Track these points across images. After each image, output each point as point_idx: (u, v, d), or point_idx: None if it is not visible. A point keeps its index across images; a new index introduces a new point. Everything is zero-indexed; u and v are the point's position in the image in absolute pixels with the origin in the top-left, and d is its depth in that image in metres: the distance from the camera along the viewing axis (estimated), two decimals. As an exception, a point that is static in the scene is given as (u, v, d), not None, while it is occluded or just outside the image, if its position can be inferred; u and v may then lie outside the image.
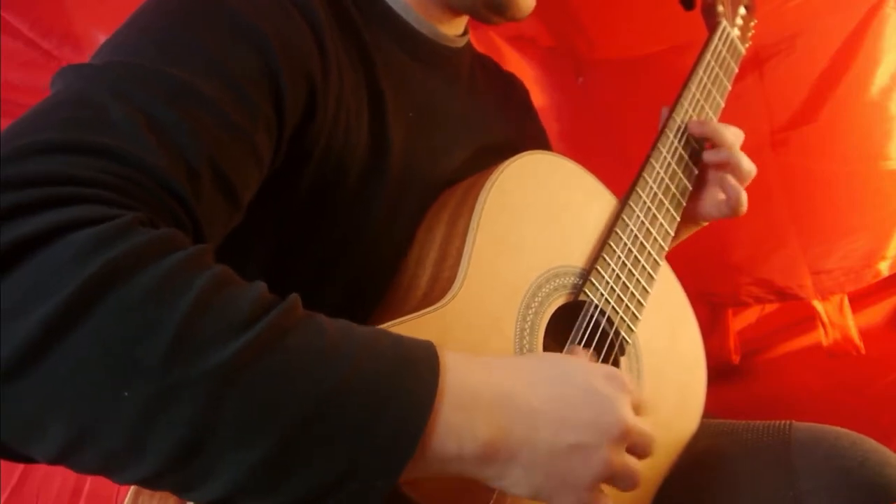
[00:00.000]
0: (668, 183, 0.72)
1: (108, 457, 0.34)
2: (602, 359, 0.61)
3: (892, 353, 1.13)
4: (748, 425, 0.68)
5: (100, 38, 0.98)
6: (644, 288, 0.65)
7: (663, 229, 0.70)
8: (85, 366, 0.32)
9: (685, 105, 0.76)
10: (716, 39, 0.82)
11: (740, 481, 0.63)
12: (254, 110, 0.47)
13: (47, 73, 1.03)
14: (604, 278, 0.62)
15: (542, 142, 0.86)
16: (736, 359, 1.17)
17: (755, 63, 1.08)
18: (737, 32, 0.86)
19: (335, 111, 0.55)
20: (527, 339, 0.55)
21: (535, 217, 0.60)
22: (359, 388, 0.36)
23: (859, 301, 1.15)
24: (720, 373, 1.14)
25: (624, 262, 0.64)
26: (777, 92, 1.10)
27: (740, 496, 0.61)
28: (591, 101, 1.20)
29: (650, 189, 0.70)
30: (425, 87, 0.66)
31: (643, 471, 0.46)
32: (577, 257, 0.62)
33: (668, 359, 0.68)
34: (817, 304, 1.13)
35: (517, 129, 0.79)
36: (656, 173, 0.71)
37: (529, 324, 0.56)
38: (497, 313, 0.54)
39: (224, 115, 0.45)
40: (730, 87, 0.82)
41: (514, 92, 0.86)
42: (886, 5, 1.05)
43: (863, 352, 1.12)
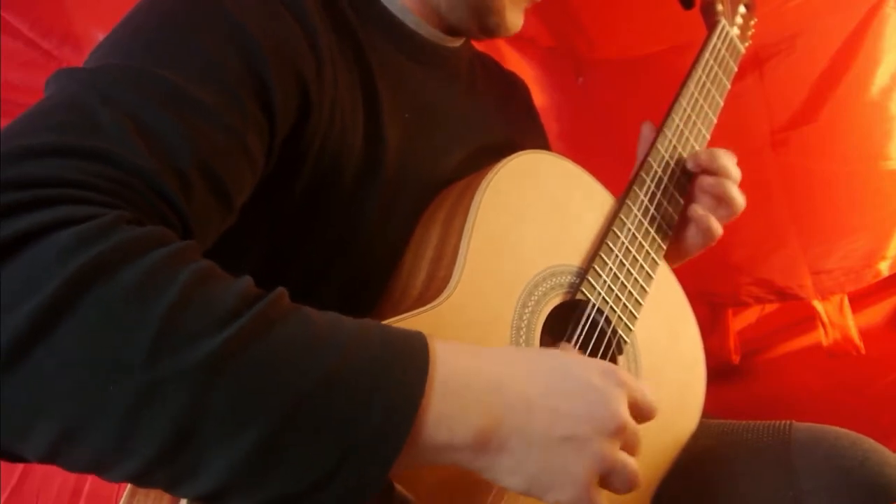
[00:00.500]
0: (667, 182, 0.72)
1: (97, 454, 0.34)
2: (600, 357, 0.61)
3: (892, 353, 1.13)
4: (748, 425, 0.68)
5: (100, 38, 0.97)
6: (642, 287, 0.65)
7: (662, 229, 0.69)
8: (70, 363, 0.32)
9: (683, 104, 0.76)
10: (715, 38, 0.82)
11: (740, 481, 0.63)
12: (245, 112, 0.47)
13: (47, 73, 1.02)
14: (601, 277, 0.62)
15: (541, 142, 0.86)
16: (736, 359, 1.17)
17: (755, 63, 1.08)
18: (736, 31, 0.86)
19: (330, 112, 0.55)
20: (523, 338, 0.55)
21: (532, 216, 0.60)
22: (348, 377, 0.36)
23: (859, 301, 1.15)
24: (720, 373, 1.14)
25: (622, 261, 0.64)
26: (777, 92, 1.10)
27: (740, 496, 0.61)
28: (591, 101, 1.20)
29: (648, 188, 0.70)
30: (423, 87, 0.66)
31: (642, 471, 0.46)
32: (574, 256, 0.62)
33: (667, 358, 0.68)
34: (817, 304, 1.12)
35: (517, 128, 0.78)
36: (654, 172, 0.71)
37: (526, 322, 0.56)
38: (493, 312, 0.54)
39: (215, 118, 0.45)
40: (729, 87, 0.82)
41: (514, 91, 0.86)
42: (886, 5, 1.05)
43: (863, 352, 1.12)
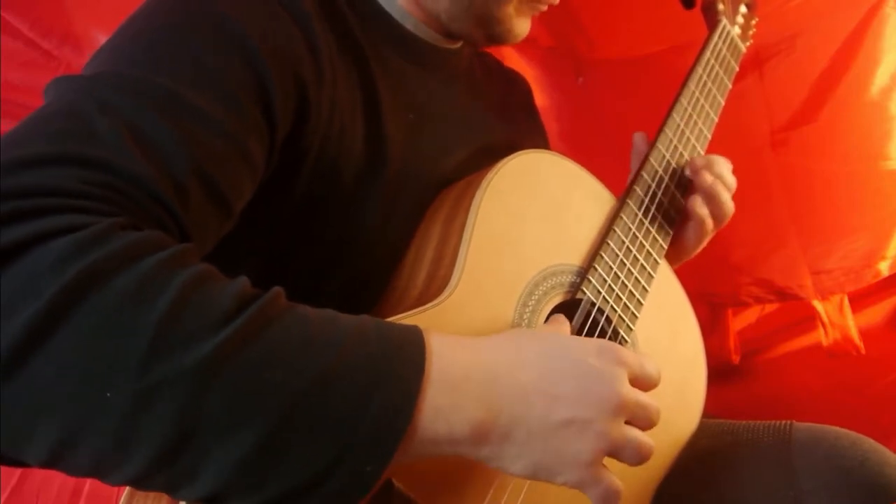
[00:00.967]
0: (668, 181, 0.72)
1: (96, 459, 0.34)
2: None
3: (892, 353, 1.13)
4: (748, 425, 0.68)
5: (100, 38, 0.98)
6: (643, 287, 0.65)
7: (663, 228, 0.69)
8: (67, 369, 0.33)
9: (684, 103, 0.76)
10: (716, 38, 0.82)
11: (741, 481, 0.63)
12: (245, 118, 0.47)
13: (47, 73, 1.04)
14: (602, 277, 0.62)
15: (542, 141, 0.85)
16: (736, 359, 1.17)
17: (755, 63, 1.08)
18: (737, 31, 0.86)
19: (329, 114, 0.55)
20: (524, 338, 0.55)
21: (533, 215, 0.60)
22: (344, 375, 0.36)
23: (859, 301, 1.15)
24: (720, 373, 1.14)
25: (622, 260, 0.64)
26: (777, 92, 1.10)
27: (741, 496, 0.61)
28: (591, 101, 1.20)
29: (649, 187, 0.69)
30: (422, 88, 0.66)
31: (642, 470, 0.46)
32: (574, 256, 0.62)
33: (667, 358, 0.68)
34: (817, 304, 1.12)
35: (517, 128, 0.78)
36: (655, 171, 0.71)
37: (526, 322, 0.56)
38: (493, 311, 0.54)
39: (213, 123, 0.45)
40: (730, 86, 0.82)
41: (515, 90, 0.86)
42: (886, 5, 1.05)
43: (863, 352, 1.12)
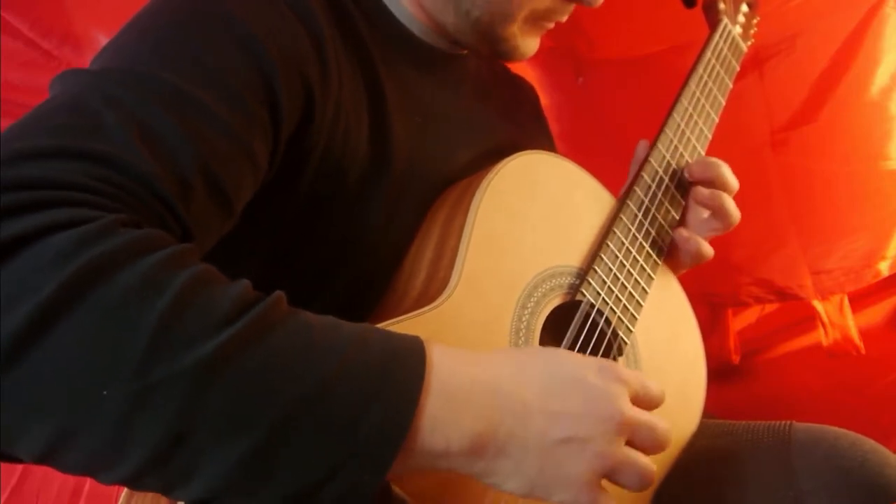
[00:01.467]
0: (668, 182, 0.71)
1: (91, 456, 0.34)
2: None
3: (892, 353, 1.13)
4: (748, 425, 0.68)
5: (100, 38, 0.98)
6: (643, 288, 0.65)
7: (663, 229, 0.69)
8: (65, 366, 0.33)
9: (685, 103, 0.75)
10: (717, 37, 0.82)
11: (740, 481, 0.63)
12: (250, 117, 0.47)
13: (47, 73, 1.04)
14: (601, 278, 0.62)
15: (547, 145, 0.85)
16: (736, 359, 1.16)
17: (755, 63, 1.08)
18: (738, 30, 0.86)
19: (334, 115, 0.55)
20: (522, 340, 0.55)
21: (532, 217, 0.60)
22: (345, 383, 0.36)
23: (859, 301, 1.14)
24: (720, 373, 1.14)
25: (622, 261, 0.64)
26: (777, 92, 1.10)
27: (741, 496, 0.61)
28: (591, 101, 1.20)
29: (649, 188, 0.69)
30: (429, 91, 0.66)
31: None
32: (574, 257, 0.62)
33: (667, 358, 0.68)
34: (817, 304, 1.12)
35: (523, 132, 0.78)
36: (655, 172, 0.71)
37: (525, 324, 0.56)
38: (492, 313, 0.54)
39: (220, 122, 0.45)
40: (731, 85, 0.82)
41: (521, 95, 0.86)
42: (886, 5, 1.05)
43: (863, 352, 1.12)
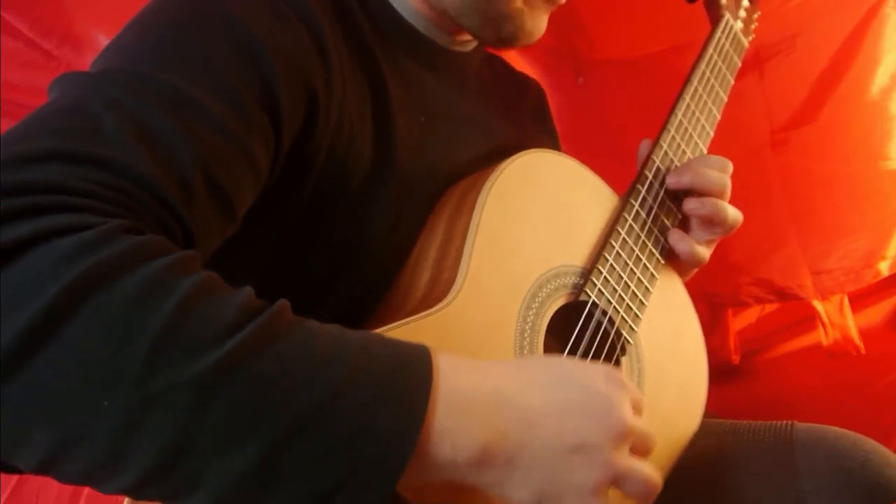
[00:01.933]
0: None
1: (91, 467, 0.33)
2: (603, 359, 0.61)
3: (892, 353, 1.13)
4: (749, 425, 0.68)
5: (100, 38, 0.98)
6: (646, 287, 0.65)
7: (666, 228, 0.69)
8: (65, 374, 0.32)
9: (686, 99, 0.75)
10: (719, 33, 0.82)
11: (742, 481, 0.63)
12: (250, 120, 0.46)
13: (47, 73, 1.03)
14: (605, 278, 0.62)
15: (552, 144, 0.84)
16: (736, 359, 1.17)
17: (755, 62, 1.08)
18: (740, 25, 0.86)
19: (338, 119, 0.54)
20: (527, 341, 0.55)
21: (536, 216, 0.60)
22: (350, 394, 0.35)
23: (859, 301, 1.15)
24: (720, 373, 1.14)
25: (626, 260, 0.64)
26: (777, 92, 1.10)
27: (742, 496, 0.62)
28: (591, 101, 1.20)
29: (652, 186, 0.69)
30: (433, 91, 0.66)
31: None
32: (578, 257, 0.62)
33: (670, 358, 0.68)
34: (817, 304, 1.13)
35: (526, 132, 0.77)
36: (658, 169, 0.70)
37: (530, 325, 0.56)
38: (497, 315, 0.54)
39: (220, 125, 0.44)
40: (733, 81, 0.82)
41: (526, 94, 0.85)
42: (886, 5, 1.05)
43: (863, 352, 1.12)
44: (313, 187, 0.54)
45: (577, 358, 0.57)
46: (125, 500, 0.42)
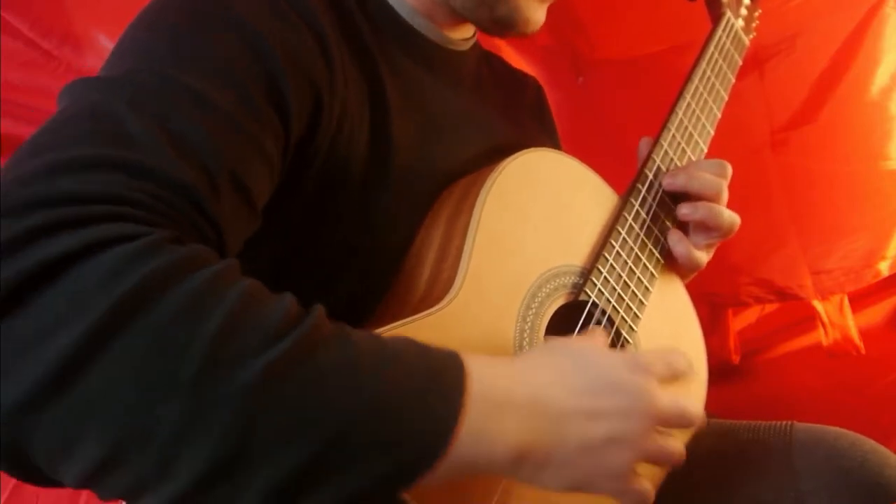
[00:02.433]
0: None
1: (137, 478, 0.33)
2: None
3: (892, 353, 1.13)
4: (749, 425, 0.68)
5: (100, 38, 0.98)
6: (646, 287, 0.65)
7: (666, 226, 0.69)
8: (117, 386, 0.32)
9: (687, 98, 0.75)
10: (720, 31, 0.82)
11: (741, 481, 0.63)
12: (262, 119, 0.47)
13: (47, 73, 1.03)
14: (605, 277, 0.62)
15: (551, 142, 0.84)
16: (736, 359, 1.17)
17: (755, 63, 1.08)
18: (741, 23, 0.86)
19: (340, 118, 0.54)
20: (527, 341, 0.55)
21: (537, 215, 0.60)
22: (388, 404, 0.37)
23: (859, 301, 1.15)
24: (720, 373, 1.14)
25: (625, 260, 0.64)
26: (777, 92, 1.10)
27: (741, 496, 0.62)
28: (591, 101, 1.20)
29: (652, 185, 0.69)
30: (431, 90, 0.65)
31: (644, 470, 0.46)
32: (577, 256, 0.62)
33: (668, 358, 0.68)
34: (817, 304, 1.13)
35: (524, 130, 0.77)
36: (658, 168, 0.70)
37: (529, 324, 0.56)
38: (497, 315, 0.54)
39: (237, 123, 0.45)
40: (733, 80, 0.82)
41: (524, 91, 0.85)
42: (886, 5, 1.05)
43: (863, 352, 1.12)
44: (313, 187, 0.54)
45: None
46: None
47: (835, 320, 1.13)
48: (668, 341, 0.68)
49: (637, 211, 0.67)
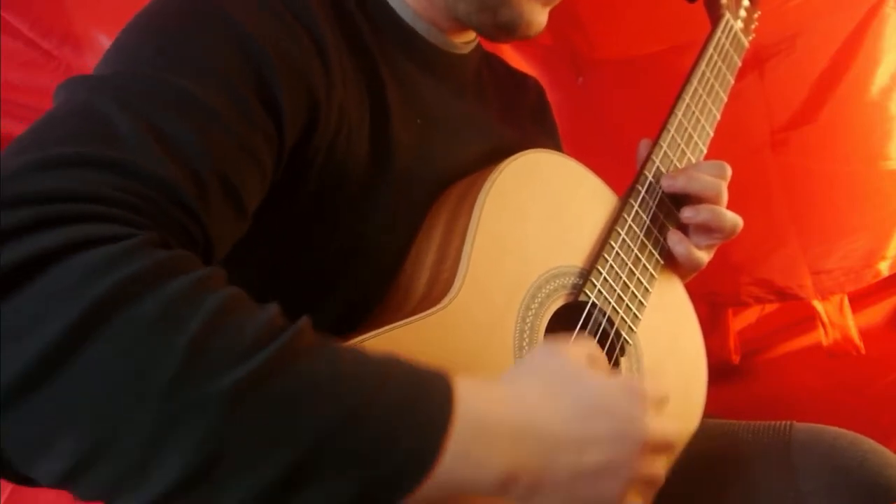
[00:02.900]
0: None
1: (113, 480, 0.33)
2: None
3: (892, 353, 1.13)
4: (749, 425, 0.68)
5: (100, 38, 0.98)
6: (645, 287, 0.65)
7: (665, 227, 0.69)
8: (92, 389, 0.32)
9: (686, 99, 0.75)
10: (719, 32, 0.82)
11: (741, 481, 0.63)
12: (255, 122, 0.47)
13: (47, 73, 1.03)
14: (604, 278, 0.62)
15: (552, 143, 0.84)
16: (736, 359, 1.17)
17: (755, 63, 1.08)
18: (740, 25, 0.86)
19: (338, 122, 0.54)
20: (526, 341, 0.55)
21: (536, 216, 0.60)
22: (371, 418, 0.36)
23: (859, 301, 1.15)
24: (720, 373, 1.14)
25: (624, 260, 0.64)
26: (777, 92, 1.10)
27: (741, 496, 0.62)
28: (591, 101, 1.20)
29: (651, 186, 0.69)
30: (431, 93, 0.65)
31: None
32: (577, 257, 0.62)
33: (669, 358, 0.68)
34: (817, 304, 1.13)
35: (525, 132, 0.77)
36: (657, 169, 0.70)
37: (529, 325, 0.56)
38: (496, 316, 0.54)
39: (228, 126, 0.44)
40: (732, 81, 0.82)
41: (525, 92, 0.84)
42: (886, 5, 1.05)
43: (863, 352, 1.13)
44: (312, 189, 0.54)
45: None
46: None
47: (835, 320, 1.13)
48: (668, 341, 0.68)
49: (636, 212, 0.67)
